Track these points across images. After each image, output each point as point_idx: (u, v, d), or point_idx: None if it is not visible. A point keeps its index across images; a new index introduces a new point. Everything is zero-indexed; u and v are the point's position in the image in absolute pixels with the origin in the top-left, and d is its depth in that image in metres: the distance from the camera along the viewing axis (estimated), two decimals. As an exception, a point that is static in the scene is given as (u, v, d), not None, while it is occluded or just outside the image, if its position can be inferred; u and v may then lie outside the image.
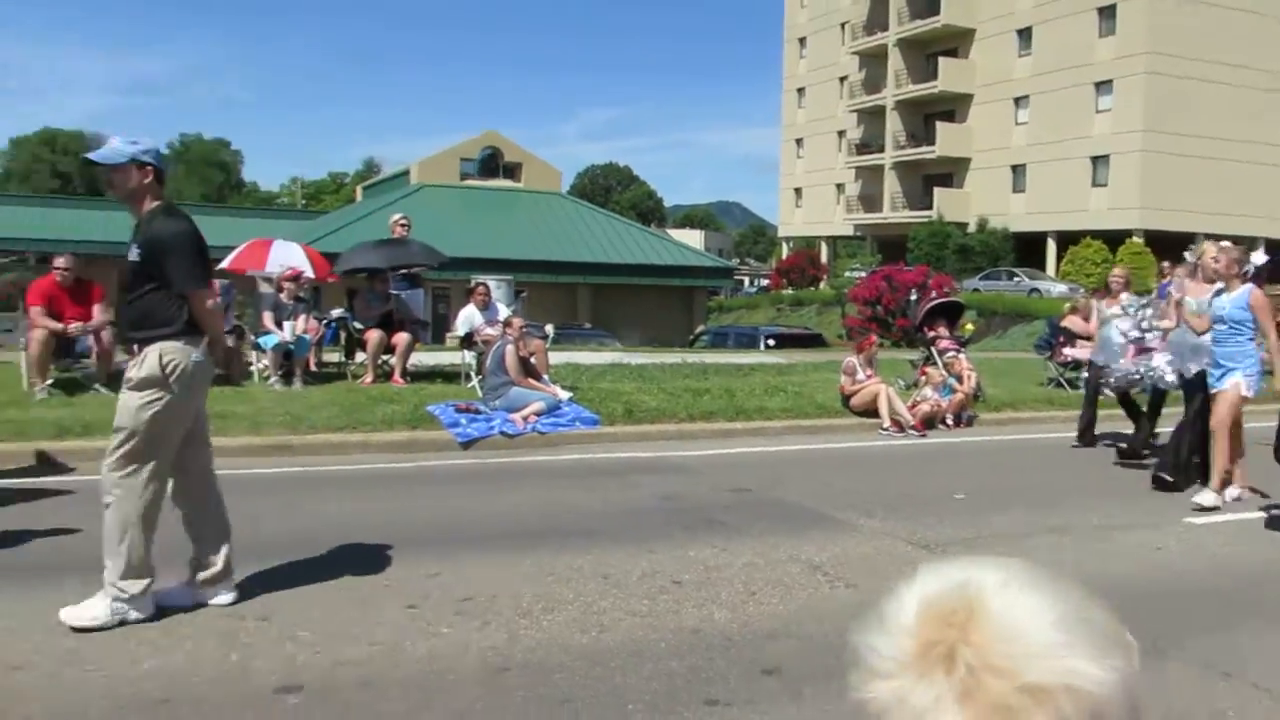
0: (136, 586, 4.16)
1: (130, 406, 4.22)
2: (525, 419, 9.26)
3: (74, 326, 9.37)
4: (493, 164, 37.30)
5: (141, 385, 4.22)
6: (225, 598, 4.45)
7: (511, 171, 37.56)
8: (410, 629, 4.23)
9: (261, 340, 10.77)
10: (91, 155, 4.41)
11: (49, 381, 9.27)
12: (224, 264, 12.71)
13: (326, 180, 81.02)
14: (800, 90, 56.00)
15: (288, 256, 12.08)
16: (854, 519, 6.48)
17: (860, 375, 10.64)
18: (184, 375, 4.24)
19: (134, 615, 4.16)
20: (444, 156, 36.92)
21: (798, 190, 56.41)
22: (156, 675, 3.68)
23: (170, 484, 4.38)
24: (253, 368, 11.19)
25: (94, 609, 4.11)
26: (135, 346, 4.33)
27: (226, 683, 3.63)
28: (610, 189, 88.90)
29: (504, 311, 11.70)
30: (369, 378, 10.94)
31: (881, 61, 48.01)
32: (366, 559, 5.22)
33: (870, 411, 10.42)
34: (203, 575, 4.44)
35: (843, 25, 51.49)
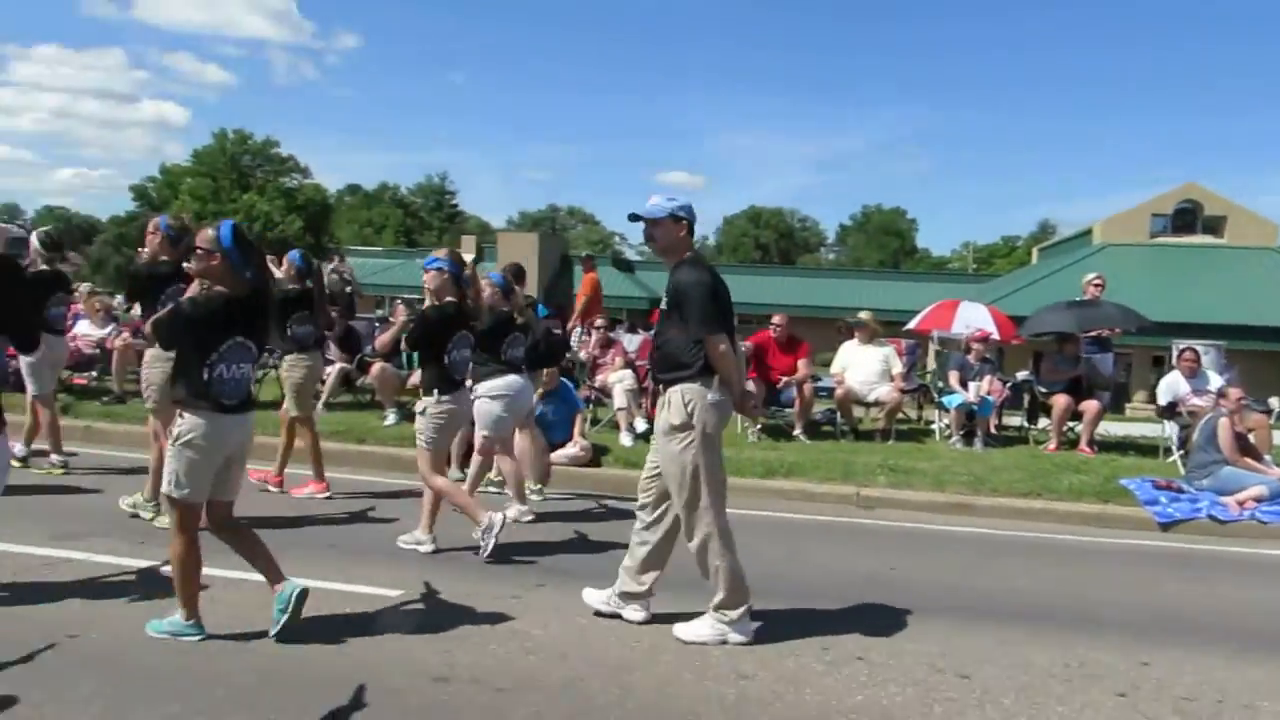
0: (734, 613, 4.58)
1: (673, 450, 4.57)
2: (1241, 504, 8.02)
3: (783, 380, 10.57)
4: (1190, 218, 33.54)
5: (673, 430, 4.56)
6: (638, 615, 4.76)
7: (1213, 227, 33.38)
8: (1124, 720, 3.86)
9: (945, 399, 10.98)
10: (639, 211, 4.69)
11: (758, 426, 10.53)
12: (911, 325, 13.30)
13: (998, 244, 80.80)
14: None
15: (974, 318, 12.18)
16: None
17: None
18: (704, 412, 4.51)
19: (735, 638, 4.55)
20: (1133, 214, 34.23)
21: None
22: (868, 709, 3.87)
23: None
24: (934, 425, 11.47)
25: (698, 629, 4.59)
26: (662, 387, 4.70)
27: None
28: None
29: (1215, 380, 10.34)
30: (1054, 444, 10.47)
31: None
32: (1057, 635, 4.93)
33: None
34: (628, 589, 4.78)
35: None
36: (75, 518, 6.28)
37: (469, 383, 6.47)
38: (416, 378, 7.82)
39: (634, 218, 4.70)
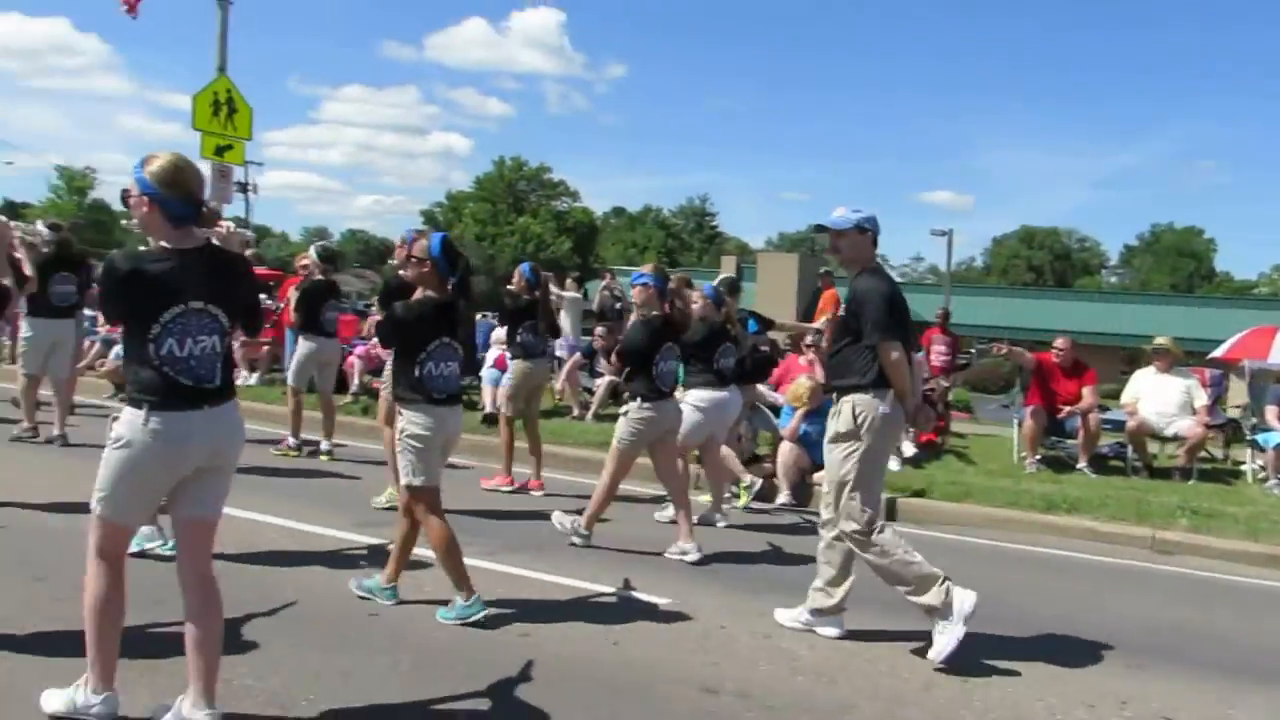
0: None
1: (835, 459, 4.61)
2: None
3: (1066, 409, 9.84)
4: None
5: (839, 438, 4.59)
6: (831, 631, 4.70)
7: None
8: None
9: (1260, 438, 9.78)
10: (823, 221, 4.72)
11: (1037, 456, 9.84)
12: (1217, 353, 12.01)
13: (1316, 267, 71.50)
14: None
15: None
16: None
17: None
18: (872, 425, 4.50)
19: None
20: None
21: None
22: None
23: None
24: (1245, 466, 10.25)
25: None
26: (835, 396, 4.70)
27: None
28: None
29: None
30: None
31: None
32: None
33: None
34: (818, 604, 4.74)
35: None
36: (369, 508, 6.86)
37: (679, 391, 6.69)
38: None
39: (819, 229, 4.74)
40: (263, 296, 6.73)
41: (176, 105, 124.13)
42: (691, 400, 6.87)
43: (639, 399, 6.11)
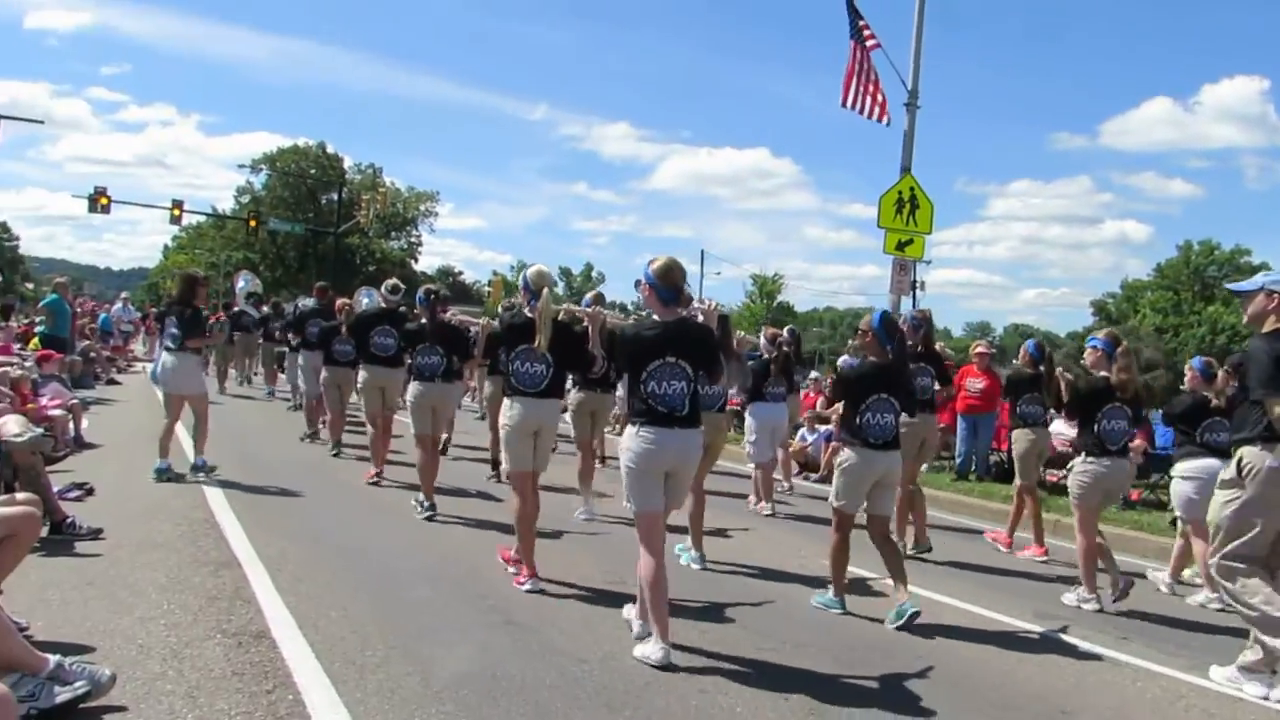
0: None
1: (1217, 503, 5.04)
2: None
3: None
4: None
5: (1225, 485, 5.02)
6: (1257, 690, 4.83)
7: None
8: None
9: None
10: (1231, 286, 5.69)
11: None
12: None
13: None
14: None
15: None
16: None
17: None
18: (1256, 476, 4.82)
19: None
20: None
21: None
22: None
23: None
24: None
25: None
26: (1232, 447, 5.09)
27: None
28: None
29: None
30: None
31: None
32: None
33: None
34: (1247, 660, 4.93)
35: None
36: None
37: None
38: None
39: (1233, 292, 5.51)
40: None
41: (853, 214, 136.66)
42: (1177, 472, 7.21)
43: (1083, 454, 6.76)
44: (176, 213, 39.08)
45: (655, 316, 4.89)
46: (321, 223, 57.19)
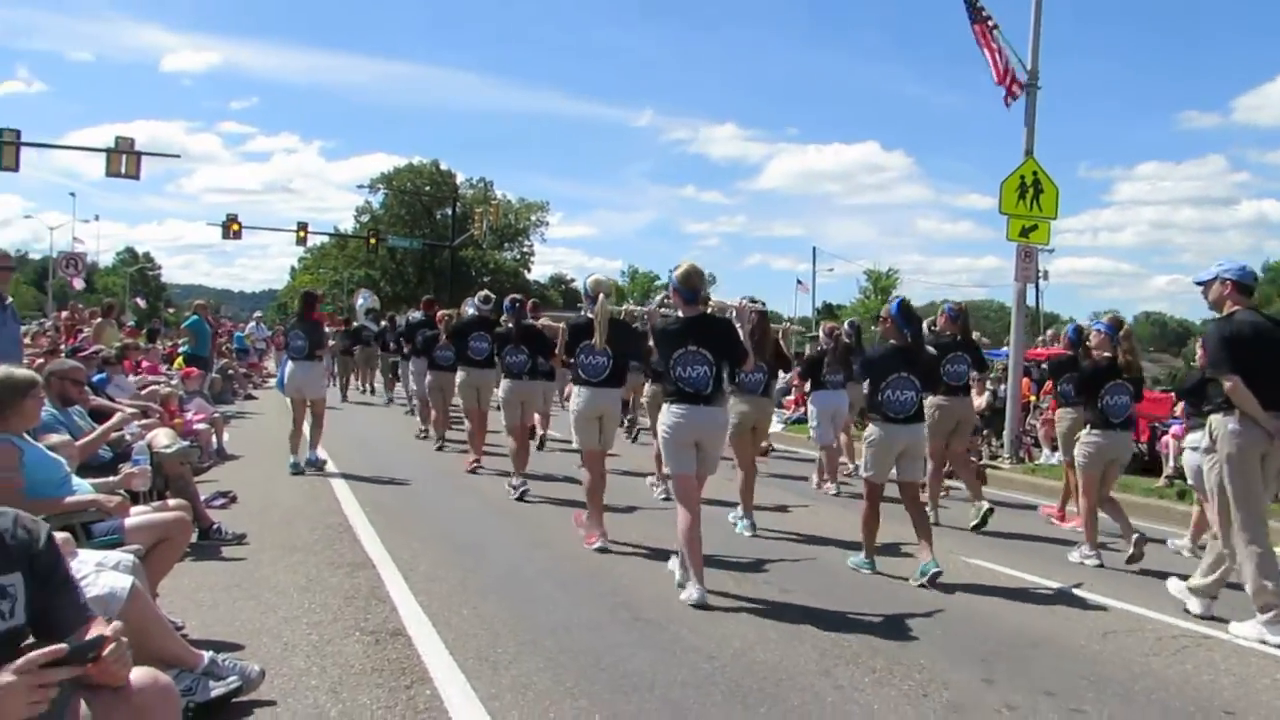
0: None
1: (1204, 472, 5.63)
2: None
3: None
4: None
5: (1205, 453, 5.58)
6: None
7: None
8: None
9: None
10: (1195, 278, 5.75)
11: None
12: None
13: None
14: None
15: None
16: None
17: None
18: (1222, 439, 5.38)
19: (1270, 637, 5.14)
20: None
21: None
22: None
23: None
24: None
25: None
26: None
27: None
28: None
29: None
30: None
31: None
32: None
33: None
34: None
35: None
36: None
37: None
38: None
39: (1197, 284, 5.70)
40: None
41: (969, 205, 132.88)
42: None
43: (1087, 426, 7.37)
44: (301, 235, 40.95)
45: (679, 314, 5.88)
46: (437, 237, 58.83)
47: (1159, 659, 4.88)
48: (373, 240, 49.14)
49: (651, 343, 6.29)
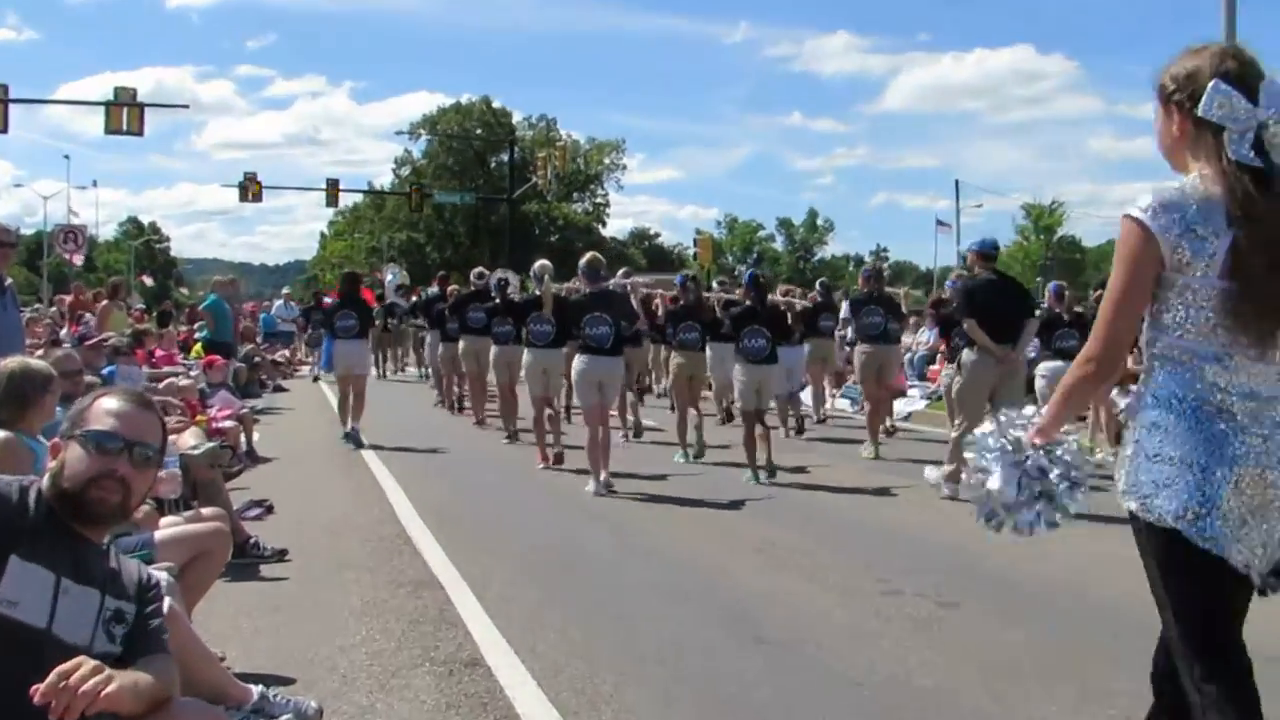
0: None
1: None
2: None
3: None
4: None
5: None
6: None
7: None
8: None
9: None
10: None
11: None
12: None
13: None
14: None
15: None
16: None
17: None
18: (965, 362, 8.94)
19: None
20: None
21: None
22: None
23: None
24: None
25: None
26: None
27: None
28: None
29: None
30: None
31: None
32: None
33: None
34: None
35: None
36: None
37: None
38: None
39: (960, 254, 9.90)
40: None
41: (1148, 116, 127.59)
42: None
43: None
44: (332, 194, 41.92)
45: (586, 289, 9.70)
46: (493, 190, 59.62)
47: None
48: (416, 197, 49.92)
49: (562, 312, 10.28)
